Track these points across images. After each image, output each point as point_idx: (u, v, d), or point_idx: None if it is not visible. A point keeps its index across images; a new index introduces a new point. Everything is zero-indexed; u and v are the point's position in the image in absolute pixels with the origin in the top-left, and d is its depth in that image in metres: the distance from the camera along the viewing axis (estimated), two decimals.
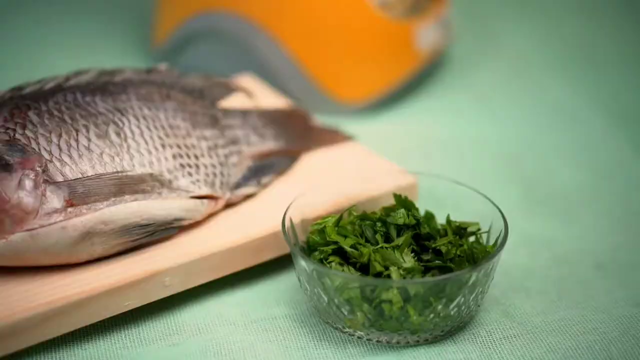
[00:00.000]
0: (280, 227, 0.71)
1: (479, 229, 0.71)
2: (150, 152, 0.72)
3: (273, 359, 0.67)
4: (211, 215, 0.73)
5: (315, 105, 0.93)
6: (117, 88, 0.74)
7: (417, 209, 0.71)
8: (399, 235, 0.70)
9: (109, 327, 0.68)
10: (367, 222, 0.70)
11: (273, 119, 0.82)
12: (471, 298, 0.67)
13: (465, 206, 0.72)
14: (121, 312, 0.67)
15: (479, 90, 0.99)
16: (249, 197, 0.76)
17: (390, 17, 0.93)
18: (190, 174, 0.73)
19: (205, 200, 0.72)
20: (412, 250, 0.69)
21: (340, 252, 0.69)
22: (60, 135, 0.69)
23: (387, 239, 0.70)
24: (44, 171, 0.67)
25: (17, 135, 0.68)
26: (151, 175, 0.71)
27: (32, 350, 0.66)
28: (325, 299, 0.67)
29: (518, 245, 0.77)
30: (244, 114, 0.80)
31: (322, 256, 0.69)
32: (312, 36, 0.93)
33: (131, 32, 1.05)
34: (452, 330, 0.68)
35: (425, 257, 0.69)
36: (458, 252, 0.68)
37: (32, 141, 0.68)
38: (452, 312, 0.67)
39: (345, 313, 0.67)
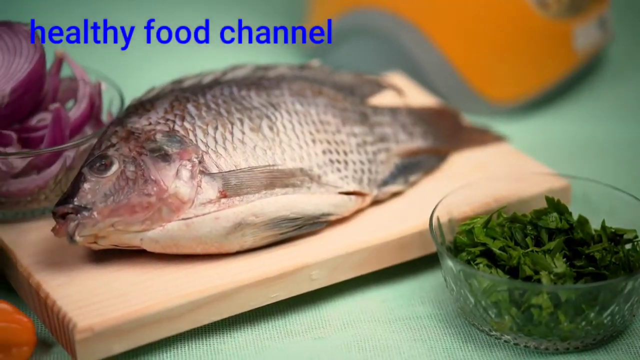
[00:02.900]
0: (427, 226, 0.71)
1: (636, 236, 0.68)
2: (301, 147, 0.73)
3: (417, 358, 0.66)
4: (358, 212, 0.74)
5: (465, 104, 0.92)
6: (271, 83, 0.76)
7: (570, 213, 0.69)
8: (550, 239, 0.68)
9: (256, 318, 0.70)
10: (517, 225, 0.69)
11: (422, 117, 0.81)
12: (626, 307, 0.65)
13: (622, 212, 0.70)
14: (268, 303, 0.69)
15: (637, 92, 0.95)
16: (396, 194, 0.76)
17: (546, 15, 0.91)
18: (339, 170, 0.73)
19: (352, 197, 0.73)
20: (564, 256, 0.67)
21: (488, 254, 0.68)
22: (216, 128, 0.71)
23: (538, 242, 0.68)
24: (200, 162, 0.69)
25: (176, 127, 0.70)
26: (301, 169, 0.72)
27: (184, 335, 0.68)
28: (472, 300, 0.66)
29: None
30: (393, 111, 0.80)
31: (469, 257, 0.68)
32: (464, 34, 0.92)
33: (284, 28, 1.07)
34: (604, 339, 0.66)
35: (578, 263, 0.67)
36: (613, 259, 0.66)
37: (190, 133, 0.70)
38: (605, 321, 0.64)
39: (492, 316, 0.66)
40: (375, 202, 0.75)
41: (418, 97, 0.86)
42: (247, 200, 0.69)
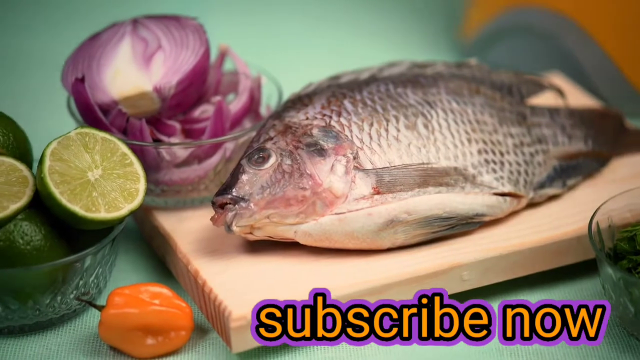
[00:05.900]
0: (585, 231, 0.68)
1: None
2: (456, 146, 0.72)
3: None
4: (512, 214, 0.72)
5: (629, 107, 0.88)
6: (427, 81, 0.75)
7: None
8: None
9: None
10: None
11: (583, 119, 0.79)
12: None
13: None
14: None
15: None
16: (552, 197, 0.74)
17: None
18: (494, 171, 0.72)
19: (507, 198, 0.71)
20: None
21: None
22: (371, 125, 0.71)
23: None
24: (354, 158, 0.70)
25: (332, 122, 0.71)
26: (455, 169, 0.71)
27: None
28: (632, 310, 0.64)
29: None
30: (552, 112, 0.78)
31: (630, 265, 0.65)
32: (630, 33, 0.88)
33: (441, 25, 1.06)
34: None
35: None
36: None
37: (346, 128, 0.71)
38: None
39: None
40: (531, 204, 0.73)
41: (579, 98, 0.83)
42: (400, 197, 0.69)
